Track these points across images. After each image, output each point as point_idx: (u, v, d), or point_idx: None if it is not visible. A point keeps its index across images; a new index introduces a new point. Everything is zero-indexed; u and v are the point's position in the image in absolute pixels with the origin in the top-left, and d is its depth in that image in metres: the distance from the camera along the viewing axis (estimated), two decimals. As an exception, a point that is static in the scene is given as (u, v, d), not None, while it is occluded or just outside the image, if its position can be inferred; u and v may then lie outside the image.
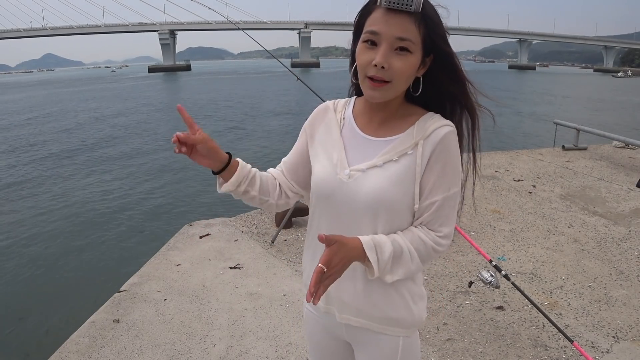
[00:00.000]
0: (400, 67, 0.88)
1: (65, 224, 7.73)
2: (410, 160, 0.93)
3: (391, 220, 0.95)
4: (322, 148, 1.04)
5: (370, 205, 0.93)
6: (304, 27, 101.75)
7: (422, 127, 0.94)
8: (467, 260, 3.40)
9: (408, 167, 0.93)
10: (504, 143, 13.19)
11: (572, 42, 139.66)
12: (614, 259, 3.46)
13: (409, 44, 0.87)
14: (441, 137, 0.93)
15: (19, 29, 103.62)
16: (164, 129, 18.61)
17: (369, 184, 0.94)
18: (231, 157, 1.02)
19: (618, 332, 2.56)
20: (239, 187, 1.03)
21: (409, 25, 0.87)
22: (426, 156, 0.93)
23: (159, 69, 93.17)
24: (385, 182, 0.93)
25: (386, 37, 0.87)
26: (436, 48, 0.92)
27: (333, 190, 0.98)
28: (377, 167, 0.95)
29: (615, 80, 65.58)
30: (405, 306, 1.00)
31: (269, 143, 14.84)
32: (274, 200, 1.11)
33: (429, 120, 0.95)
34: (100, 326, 2.64)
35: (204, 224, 4.19)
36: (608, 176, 5.67)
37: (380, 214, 0.94)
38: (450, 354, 2.38)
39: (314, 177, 1.03)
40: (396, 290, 0.99)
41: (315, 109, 1.11)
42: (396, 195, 0.93)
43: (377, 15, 0.88)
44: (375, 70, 0.88)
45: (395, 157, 0.94)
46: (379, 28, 0.87)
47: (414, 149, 0.94)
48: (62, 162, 12.70)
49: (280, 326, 2.63)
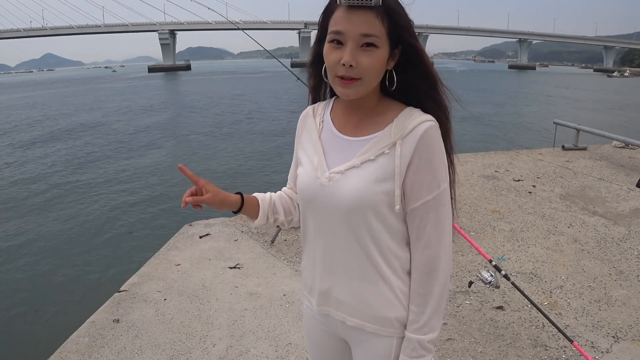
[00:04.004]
0: (369, 63, 0.88)
1: (65, 224, 7.73)
2: (388, 159, 0.92)
3: (375, 221, 0.95)
4: (304, 153, 1.06)
5: (352, 207, 0.94)
6: (304, 27, 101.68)
7: (401, 125, 0.93)
8: (467, 260, 3.40)
9: (386, 167, 0.92)
10: (504, 143, 13.19)
11: (572, 42, 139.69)
12: (613, 259, 3.46)
13: (374, 39, 0.87)
14: (421, 135, 0.90)
15: (19, 29, 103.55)
16: (164, 129, 18.62)
17: (348, 186, 0.94)
18: (242, 197, 1.09)
19: (618, 332, 2.57)
20: (268, 220, 1.14)
21: (372, 20, 0.87)
22: (406, 156, 0.91)
23: (159, 68, 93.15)
24: (363, 183, 0.93)
25: (351, 35, 0.88)
26: (401, 40, 0.92)
27: (315, 194, 0.99)
28: (355, 167, 0.95)
29: (611, 80, 65.69)
30: (400, 306, 0.99)
31: (270, 143, 14.85)
32: (297, 217, 1.18)
33: (408, 117, 0.93)
34: (100, 326, 2.65)
35: (203, 224, 4.19)
36: (608, 176, 5.67)
37: (362, 215, 0.94)
38: (450, 353, 2.38)
39: (298, 182, 1.05)
40: (391, 290, 0.99)
41: (300, 117, 1.13)
42: (375, 195, 0.92)
43: (339, 14, 0.89)
44: (344, 70, 0.89)
45: (372, 157, 0.93)
46: (342, 27, 0.88)
47: (391, 148, 0.92)
48: (62, 162, 12.70)
49: (280, 326, 2.63)
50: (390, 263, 0.98)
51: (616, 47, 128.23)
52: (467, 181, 5.42)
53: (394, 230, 0.97)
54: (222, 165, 12.00)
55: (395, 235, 0.98)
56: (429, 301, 0.95)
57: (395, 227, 0.97)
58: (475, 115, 20.35)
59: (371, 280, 0.99)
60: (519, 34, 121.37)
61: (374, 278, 0.98)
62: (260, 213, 1.11)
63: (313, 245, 1.06)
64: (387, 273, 0.98)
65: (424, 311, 0.95)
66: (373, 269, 0.98)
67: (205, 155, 13.29)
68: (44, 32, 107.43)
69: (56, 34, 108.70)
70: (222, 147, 14.36)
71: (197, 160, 12.60)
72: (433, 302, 0.95)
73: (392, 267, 0.98)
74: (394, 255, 0.98)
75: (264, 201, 1.13)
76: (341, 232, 0.97)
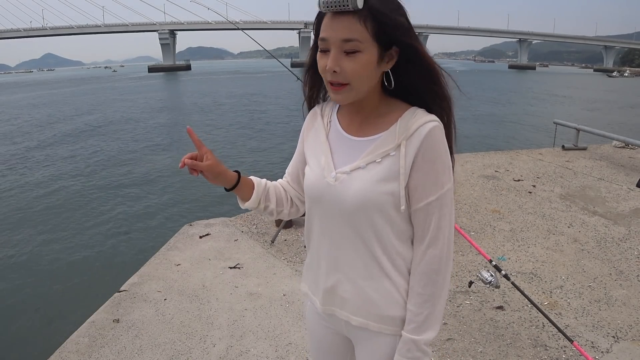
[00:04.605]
0: (352, 68, 0.89)
1: (65, 224, 7.73)
2: (393, 161, 0.93)
3: (380, 221, 0.95)
4: (312, 153, 1.07)
5: (358, 207, 0.95)
6: (304, 27, 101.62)
7: (405, 126, 0.92)
8: (467, 260, 3.40)
9: (390, 169, 0.93)
10: (504, 143, 13.19)
11: (572, 42, 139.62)
12: (613, 258, 3.46)
13: (356, 44, 0.88)
14: (425, 135, 0.90)
15: (19, 29, 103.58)
16: (164, 129, 18.62)
17: (354, 186, 0.95)
18: (240, 176, 1.09)
19: (618, 332, 2.57)
20: (259, 205, 1.13)
21: (352, 25, 0.87)
22: (410, 156, 0.91)
23: (159, 68, 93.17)
24: (368, 184, 0.93)
25: (333, 41, 0.89)
26: (394, 40, 0.90)
27: (322, 193, 1.00)
28: (360, 168, 0.95)
29: (610, 80, 65.74)
30: (405, 305, 0.99)
31: (269, 141, 14.85)
32: (287, 210, 1.18)
33: (412, 118, 0.93)
34: (100, 326, 2.65)
35: (204, 223, 4.19)
36: (608, 176, 5.67)
37: (368, 215, 0.95)
38: (450, 353, 2.38)
39: (305, 181, 1.06)
40: (396, 289, 0.99)
41: (307, 116, 1.13)
42: (381, 196, 0.93)
43: (325, 21, 0.91)
44: (331, 75, 0.91)
45: (378, 159, 0.94)
46: (326, 34, 0.90)
47: (397, 150, 0.92)
48: (62, 162, 12.71)
49: (280, 326, 2.63)
50: (395, 262, 0.98)
51: (616, 47, 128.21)
52: (467, 181, 5.42)
53: (399, 230, 0.97)
54: (224, 163, 11.99)
55: (401, 235, 0.98)
56: (427, 301, 0.95)
57: (401, 226, 0.97)
58: (475, 115, 20.37)
59: (376, 279, 0.99)
60: (519, 34, 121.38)
61: (379, 277, 0.99)
62: (253, 196, 1.11)
63: (318, 243, 1.06)
64: (392, 272, 0.99)
65: (422, 311, 0.95)
66: (378, 268, 0.98)
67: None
68: (44, 32, 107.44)
69: (56, 34, 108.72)
70: (222, 148, 14.36)
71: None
72: (431, 302, 0.95)
73: (396, 267, 0.99)
74: (398, 254, 0.98)
75: (259, 185, 1.13)
76: (347, 231, 0.98)
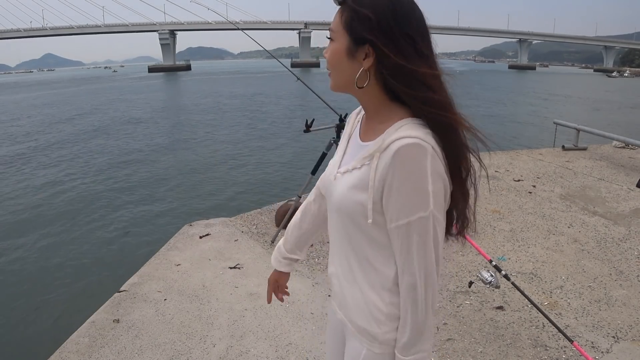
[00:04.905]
0: (327, 55, 0.93)
1: (65, 224, 7.73)
2: (366, 171, 0.89)
3: (353, 230, 0.95)
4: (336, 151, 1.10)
5: (338, 208, 0.97)
6: (304, 27, 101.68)
7: (387, 137, 0.86)
8: (467, 260, 3.40)
9: (363, 178, 0.89)
10: (504, 143, 13.18)
11: (572, 42, 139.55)
12: (613, 259, 3.46)
13: (332, 33, 0.91)
14: (394, 152, 0.82)
15: (19, 29, 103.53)
16: (164, 129, 18.62)
17: (338, 188, 0.96)
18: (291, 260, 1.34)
19: (618, 332, 2.57)
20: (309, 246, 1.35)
21: (336, 15, 0.90)
22: (381, 171, 0.85)
23: (159, 68, 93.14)
24: (344, 188, 0.94)
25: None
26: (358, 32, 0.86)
27: (327, 188, 1.03)
28: (348, 172, 0.95)
29: (610, 80, 65.77)
30: (372, 320, 0.97)
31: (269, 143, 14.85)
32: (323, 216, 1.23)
33: (395, 130, 0.86)
34: (100, 326, 2.65)
35: (204, 224, 4.19)
36: (608, 176, 5.67)
37: (343, 219, 0.97)
38: (450, 353, 2.38)
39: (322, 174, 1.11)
40: (365, 302, 0.97)
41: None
42: (351, 202, 0.92)
43: None
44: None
45: (358, 165, 0.92)
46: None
47: (371, 160, 0.88)
48: (62, 162, 12.71)
49: (280, 326, 2.63)
50: (368, 276, 0.96)
51: (616, 47, 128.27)
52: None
53: (377, 243, 0.93)
54: (224, 163, 12.01)
55: (378, 249, 0.93)
56: (408, 324, 0.92)
57: (378, 240, 0.92)
58: (475, 115, 20.30)
59: (352, 284, 1.00)
60: (519, 34, 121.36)
61: (354, 284, 0.99)
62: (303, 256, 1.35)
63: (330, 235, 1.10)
64: (364, 285, 0.96)
65: (404, 332, 0.92)
66: (352, 276, 0.99)
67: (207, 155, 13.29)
68: (44, 32, 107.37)
69: (56, 34, 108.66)
70: (225, 147, 14.36)
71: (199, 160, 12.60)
72: (412, 326, 0.91)
73: (369, 281, 0.96)
74: (373, 269, 0.95)
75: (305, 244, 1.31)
76: (337, 230, 1.01)
